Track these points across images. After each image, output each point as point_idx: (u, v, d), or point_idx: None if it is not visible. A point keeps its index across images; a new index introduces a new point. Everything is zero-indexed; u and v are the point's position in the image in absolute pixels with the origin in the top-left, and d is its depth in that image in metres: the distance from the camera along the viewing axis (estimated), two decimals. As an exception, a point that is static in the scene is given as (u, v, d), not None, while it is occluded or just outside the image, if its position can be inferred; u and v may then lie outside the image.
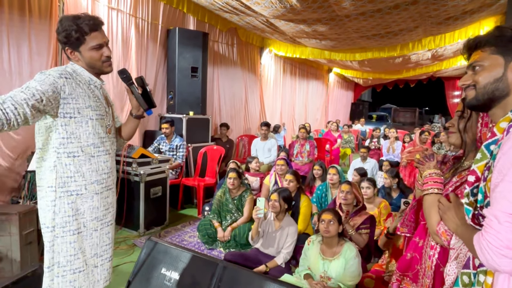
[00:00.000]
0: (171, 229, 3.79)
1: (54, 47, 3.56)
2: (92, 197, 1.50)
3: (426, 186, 1.24)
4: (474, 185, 0.94)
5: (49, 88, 1.30)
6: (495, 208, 0.80)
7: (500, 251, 0.76)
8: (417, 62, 8.57)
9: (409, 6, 4.53)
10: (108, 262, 1.61)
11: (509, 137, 0.83)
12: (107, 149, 1.55)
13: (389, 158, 6.61)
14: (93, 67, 1.50)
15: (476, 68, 0.97)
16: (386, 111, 19.32)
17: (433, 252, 1.26)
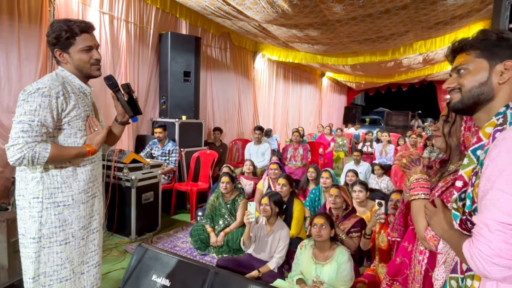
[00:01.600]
0: (163, 234, 3.75)
1: (44, 53, 3.53)
2: (79, 207, 1.50)
3: (413, 192, 1.25)
4: (462, 190, 0.94)
5: (51, 115, 1.38)
6: (486, 216, 0.80)
7: (491, 260, 0.76)
8: (409, 66, 8.67)
9: (399, 11, 4.58)
10: (95, 268, 1.61)
11: (495, 144, 0.83)
12: (91, 158, 1.55)
13: (382, 161, 6.66)
14: (81, 70, 1.49)
15: (461, 71, 0.97)
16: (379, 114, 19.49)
17: (422, 257, 1.26)
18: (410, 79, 11.45)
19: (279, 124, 9.51)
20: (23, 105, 1.34)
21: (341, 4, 4.33)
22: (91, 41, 1.46)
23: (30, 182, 1.42)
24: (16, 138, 1.31)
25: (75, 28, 1.42)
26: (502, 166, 0.78)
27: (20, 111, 1.33)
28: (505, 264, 0.76)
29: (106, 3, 4.17)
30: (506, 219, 0.76)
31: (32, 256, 1.42)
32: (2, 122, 3.25)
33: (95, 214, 1.60)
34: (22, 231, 1.44)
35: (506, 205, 0.76)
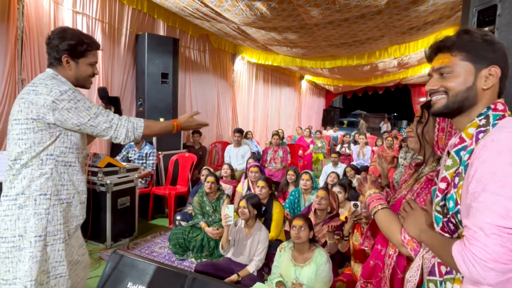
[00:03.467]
0: (140, 240, 3.65)
1: (12, 52, 3.37)
2: (76, 206, 1.57)
3: (371, 206, 1.27)
4: (445, 192, 0.92)
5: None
6: (480, 220, 0.77)
7: (487, 264, 0.74)
8: (384, 69, 8.91)
9: (374, 16, 4.71)
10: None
11: (485, 145, 0.81)
12: (81, 161, 1.62)
13: (359, 162, 6.79)
14: (78, 80, 1.57)
15: (444, 74, 0.92)
16: (356, 117, 19.93)
17: (390, 261, 1.28)
18: (386, 83, 11.79)
19: (258, 127, 9.52)
20: (72, 106, 1.42)
21: (318, 8, 4.39)
22: (96, 57, 1.61)
23: (37, 179, 1.42)
24: (110, 121, 1.48)
25: (92, 44, 1.56)
26: (494, 168, 0.77)
27: (71, 108, 1.42)
28: (501, 269, 0.73)
29: (80, 2, 4.03)
30: (503, 222, 0.73)
31: (37, 255, 1.40)
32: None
33: (83, 216, 1.66)
34: (20, 232, 1.39)
35: (500, 207, 0.74)
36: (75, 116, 1.41)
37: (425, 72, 9.12)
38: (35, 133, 1.40)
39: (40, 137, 1.41)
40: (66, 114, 1.40)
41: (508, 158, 0.75)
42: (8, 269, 1.40)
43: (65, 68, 1.52)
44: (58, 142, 1.44)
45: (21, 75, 3.46)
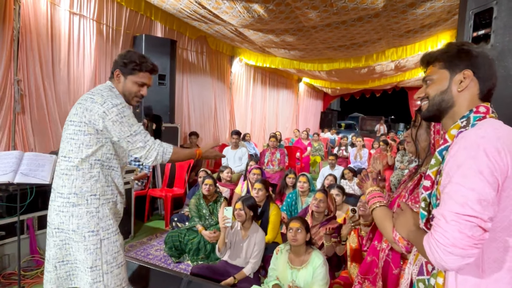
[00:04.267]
0: (136, 242, 3.63)
1: (8, 53, 3.35)
2: (118, 204, 1.73)
3: (370, 203, 1.32)
4: (429, 190, 0.98)
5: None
6: (443, 208, 0.84)
7: (446, 249, 0.80)
8: (382, 72, 8.94)
9: (371, 18, 4.72)
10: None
11: (456, 141, 0.89)
12: (121, 168, 1.77)
13: (356, 165, 6.79)
14: (124, 95, 1.71)
15: (427, 82, 1.05)
16: (354, 119, 20.00)
17: (382, 254, 1.30)
18: (383, 85, 11.82)
19: (256, 129, 9.51)
20: (118, 119, 1.59)
21: (316, 11, 4.40)
22: (147, 80, 1.73)
23: (87, 180, 1.60)
24: (145, 142, 1.62)
25: (144, 66, 1.70)
26: (460, 161, 0.83)
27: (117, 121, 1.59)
28: (459, 253, 0.79)
29: (77, 3, 4.02)
30: (460, 209, 0.80)
31: (90, 248, 1.59)
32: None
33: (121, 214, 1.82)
34: (73, 227, 1.59)
35: (460, 196, 0.81)
36: (118, 129, 1.58)
37: (422, 75, 9.15)
38: (85, 136, 1.58)
39: (88, 140, 1.59)
40: (111, 125, 1.58)
41: (471, 151, 0.83)
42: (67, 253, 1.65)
43: (115, 82, 1.72)
44: (105, 149, 1.63)
45: (17, 75, 3.44)
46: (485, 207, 0.79)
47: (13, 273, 2.76)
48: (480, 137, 0.84)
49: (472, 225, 0.78)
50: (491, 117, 0.93)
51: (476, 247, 0.79)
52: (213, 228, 3.35)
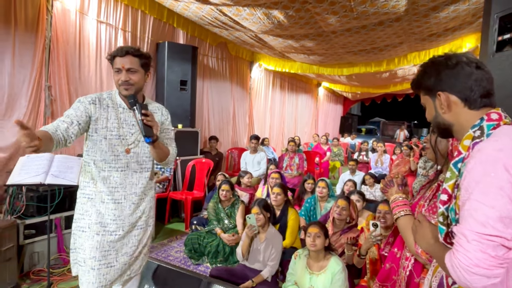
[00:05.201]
0: (157, 244, 3.71)
1: (39, 60, 3.54)
2: (99, 204, 1.67)
3: (394, 211, 1.30)
4: (447, 204, 0.95)
5: (83, 114, 1.60)
6: (464, 227, 0.81)
7: (470, 269, 0.77)
8: (404, 76, 8.77)
9: (393, 23, 4.66)
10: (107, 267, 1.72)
11: (472, 155, 0.85)
12: (120, 167, 1.68)
13: (377, 171, 6.68)
14: (117, 88, 1.72)
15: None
16: (375, 124, 19.64)
17: (407, 263, 1.28)
18: (405, 90, 11.56)
19: (275, 133, 9.53)
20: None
21: (336, 16, 4.40)
22: (119, 64, 1.63)
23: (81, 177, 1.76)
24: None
25: (113, 53, 1.66)
26: (478, 177, 0.81)
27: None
28: (483, 274, 0.76)
29: (104, 12, 4.20)
30: (481, 229, 0.77)
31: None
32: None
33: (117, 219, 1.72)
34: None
35: (481, 214, 0.78)
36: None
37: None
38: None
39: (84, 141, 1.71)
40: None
41: (489, 167, 0.80)
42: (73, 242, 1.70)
43: None
44: (86, 143, 1.69)
45: (47, 82, 3.63)
46: (507, 224, 0.76)
47: (42, 270, 2.90)
48: (497, 150, 0.80)
49: (495, 244, 0.76)
50: (505, 123, 0.89)
51: (501, 267, 0.76)
52: (231, 231, 3.39)
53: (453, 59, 0.95)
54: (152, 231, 1.87)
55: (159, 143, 1.67)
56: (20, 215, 2.91)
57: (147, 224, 1.80)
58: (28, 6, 3.40)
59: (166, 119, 1.81)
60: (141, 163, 1.73)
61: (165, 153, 1.72)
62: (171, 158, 1.77)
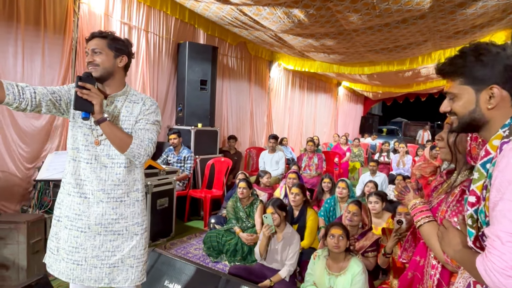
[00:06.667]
0: (177, 241, 3.77)
1: (66, 61, 3.67)
2: (65, 197, 1.59)
3: (416, 219, 1.23)
4: (475, 206, 0.92)
5: (63, 90, 1.56)
6: (497, 228, 0.78)
7: (505, 272, 0.74)
8: (428, 75, 8.52)
9: (417, 20, 4.54)
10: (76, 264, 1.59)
11: (503, 154, 0.82)
12: (87, 158, 1.55)
13: (399, 172, 6.52)
14: None
15: (451, 98, 0.97)
16: (396, 125, 19.16)
17: (434, 271, 1.23)
18: (429, 89, 11.24)
19: (293, 133, 9.48)
20: None
21: (358, 14, 4.33)
22: (88, 47, 1.56)
23: None
24: None
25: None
26: (511, 176, 0.78)
27: None
28: None
29: (127, 14, 4.31)
30: None
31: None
32: (23, 127, 3.38)
33: (82, 215, 1.59)
34: None
35: None
36: None
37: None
38: None
39: None
40: None
41: None
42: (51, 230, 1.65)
43: None
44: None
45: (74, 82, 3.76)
46: None
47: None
48: None
49: None
50: None
51: None
52: (250, 230, 3.40)
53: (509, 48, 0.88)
54: (144, 242, 1.67)
55: (111, 126, 1.48)
56: (48, 209, 3.03)
57: (129, 231, 1.61)
58: (56, 9, 3.54)
59: (146, 109, 1.60)
60: (113, 157, 1.57)
61: (122, 140, 1.50)
62: (136, 149, 1.51)
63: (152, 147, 1.59)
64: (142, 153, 1.53)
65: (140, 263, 1.65)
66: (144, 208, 1.70)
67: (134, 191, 1.64)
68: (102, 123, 1.46)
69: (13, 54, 3.26)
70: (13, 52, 3.25)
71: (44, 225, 2.83)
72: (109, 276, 1.58)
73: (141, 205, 1.67)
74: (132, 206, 1.63)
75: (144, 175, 1.74)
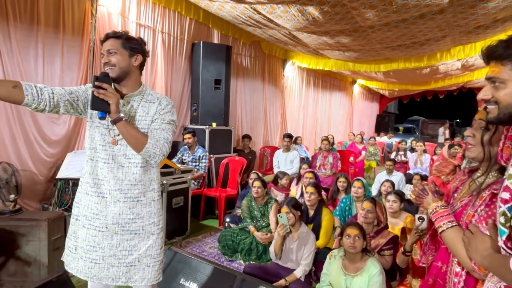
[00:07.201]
0: (192, 239, 3.80)
1: (85, 63, 3.75)
2: (83, 196, 1.61)
3: (437, 224, 1.16)
4: (509, 203, 0.86)
5: (80, 90, 1.59)
6: None
7: None
8: (446, 72, 8.30)
9: (435, 15, 4.42)
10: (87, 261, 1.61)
11: None
12: (104, 158, 1.57)
13: (416, 171, 6.38)
14: None
15: (496, 83, 0.89)
16: (413, 123, 18.76)
17: (458, 279, 1.16)
18: (448, 86, 10.95)
19: (308, 132, 9.41)
20: None
21: (374, 10, 4.25)
22: (103, 48, 1.58)
23: None
24: None
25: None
26: None
27: None
28: None
29: (143, 15, 4.37)
30: None
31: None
32: (43, 129, 3.47)
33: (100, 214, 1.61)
34: None
35: None
36: None
37: (493, 74, 8.29)
38: None
39: None
40: None
41: None
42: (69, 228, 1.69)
43: None
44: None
45: (92, 82, 3.84)
46: None
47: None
48: None
49: None
50: None
51: None
52: (264, 230, 3.39)
53: None
54: (160, 242, 1.68)
55: (127, 126, 1.48)
56: (67, 207, 3.11)
57: (146, 231, 1.62)
58: (75, 11, 3.62)
59: (162, 109, 1.61)
60: (130, 157, 1.58)
61: (138, 140, 1.50)
62: (151, 149, 1.51)
63: (168, 146, 1.58)
64: (158, 153, 1.53)
65: (157, 263, 1.65)
66: (160, 208, 1.71)
67: (150, 190, 1.64)
68: (118, 123, 1.47)
69: (34, 57, 3.35)
70: (34, 54, 3.35)
71: (64, 223, 2.90)
72: (126, 275, 1.60)
73: (157, 204, 1.67)
74: (149, 206, 1.63)
75: (160, 174, 1.75)
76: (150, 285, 1.66)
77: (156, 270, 1.65)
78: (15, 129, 3.27)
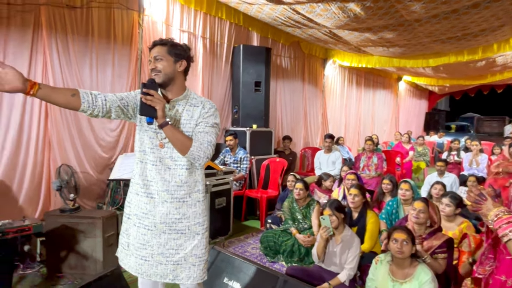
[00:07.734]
0: (234, 239, 3.86)
1: (133, 70, 3.98)
2: (134, 196, 1.70)
3: (502, 232, 1.07)
4: None
5: (130, 96, 1.67)
6: None
7: None
8: (505, 64, 7.60)
9: (491, 3, 4.07)
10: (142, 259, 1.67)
11: None
12: (152, 160, 1.63)
13: (471, 172, 5.91)
14: None
15: None
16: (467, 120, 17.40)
17: None
18: (507, 80, 10.03)
19: (350, 132, 9.14)
20: None
21: (421, 2, 4.02)
22: (150, 55, 1.65)
23: None
24: None
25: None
26: None
27: None
28: None
29: (186, 22, 4.54)
30: None
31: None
32: (97, 134, 3.74)
33: (149, 214, 1.67)
34: None
35: None
36: None
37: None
38: None
39: None
40: None
41: None
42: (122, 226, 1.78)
43: None
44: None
45: (140, 89, 4.06)
46: None
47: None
48: None
49: None
50: None
51: None
52: (306, 232, 3.35)
53: None
54: (205, 242, 1.71)
55: (173, 130, 1.54)
56: (119, 206, 3.32)
57: (191, 230, 1.67)
58: (124, 22, 3.86)
59: (206, 112, 1.66)
60: (176, 159, 1.63)
61: (183, 143, 1.55)
62: (196, 152, 1.56)
63: (211, 149, 1.62)
64: (202, 156, 1.58)
65: (202, 262, 1.69)
66: (205, 208, 1.75)
67: (196, 191, 1.69)
68: (164, 127, 1.53)
69: (89, 66, 3.64)
70: (89, 64, 3.63)
71: (116, 221, 3.09)
72: (173, 273, 1.65)
73: (202, 205, 1.71)
74: (194, 207, 1.68)
75: (204, 176, 1.79)
76: (196, 284, 1.71)
77: (201, 269, 1.69)
78: (74, 134, 3.57)
